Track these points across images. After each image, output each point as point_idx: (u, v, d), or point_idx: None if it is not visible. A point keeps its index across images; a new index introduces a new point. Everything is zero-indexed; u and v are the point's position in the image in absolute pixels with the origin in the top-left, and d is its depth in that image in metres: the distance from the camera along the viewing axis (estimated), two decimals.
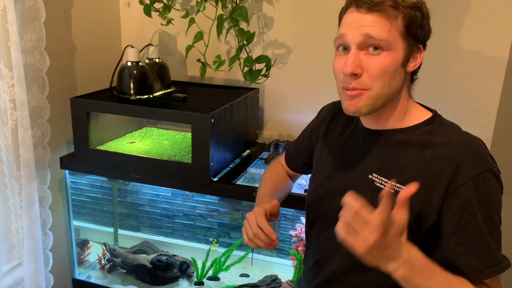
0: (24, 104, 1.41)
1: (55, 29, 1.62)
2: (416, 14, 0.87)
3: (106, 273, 1.89)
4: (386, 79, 0.87)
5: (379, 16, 0.85)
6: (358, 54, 0.86)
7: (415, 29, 0.87)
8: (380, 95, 0.88)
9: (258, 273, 1.84)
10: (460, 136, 0.90)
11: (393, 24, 0.85)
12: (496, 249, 0.84)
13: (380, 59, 0.85)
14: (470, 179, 0.83)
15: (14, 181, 1.49)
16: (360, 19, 0.86)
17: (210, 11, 1.67)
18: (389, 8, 0.84)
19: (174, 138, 1.81)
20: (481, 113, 1.62)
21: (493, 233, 0.84)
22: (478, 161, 0.85)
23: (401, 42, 0.87)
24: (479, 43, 1.57)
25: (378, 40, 0.84)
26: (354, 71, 0.86)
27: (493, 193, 0.85)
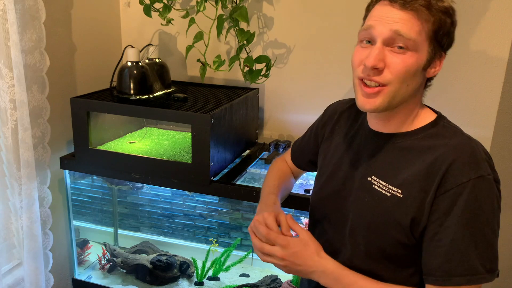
0: (24, 104, 1.41)
1: (55, 29, 1.62)
2: (446, 20, 0.85)
3: (106, 273, 1.89)
4: (406, 79, 0.85)
5: (411, 15, 0.83)
6: (383, 49, 0.84)
7: (442, 35, 0.86)
8: (398, 93, 0.86)
9: (258, 273, 1.84)
10: (458, 139, 0.87)
11: (423, 26, 0.83)
12: (476, 259, 0.81)
13: (404, 58, 0.84)
14: (458, 185, 0.82)
15: (14, 181, 1.49)
16: (392, 14, 0.83)
17: (210, 11, 1.67)
18: (423, 8, 0.82)
19: (174, 138, 1.81)
20: (481, 113, 1.62)
21: (478, 243, 0.82)
22: (470, 167, 0.82)
23: (427, 46, 0.85)
24: (479, 43, 1.57)
25: (406, 38, 0.82)
26: (377, 65, 0.84)
27: (483, 202, 0.82)
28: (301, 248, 0.90)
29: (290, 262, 0.90)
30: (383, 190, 0.90)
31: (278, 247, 0.90)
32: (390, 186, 0.90)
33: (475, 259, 0.81)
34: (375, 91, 0.86)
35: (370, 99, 0.87)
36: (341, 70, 1.74)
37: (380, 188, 0.91)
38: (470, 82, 1.61)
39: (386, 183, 0.91)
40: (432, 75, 0.90)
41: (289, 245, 0.90)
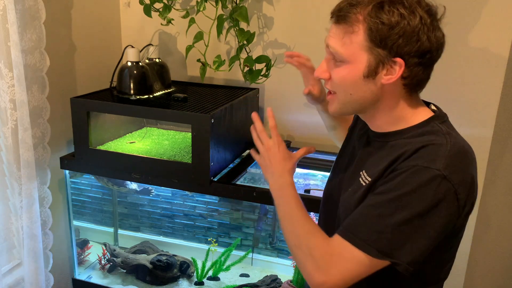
0: (24, 104, 1.41)
1: (55, 29, 1.62)
2: (383, 29, 0.81)
3: (106, 273, 1.89)
4: (345, 89, 0.89)
5: (340, 29, 0.86)
6: (329, 61, 0.91)
7: (384, 43, 0.82)
8: (345, 101, 0.91)
9: (258, 273, 1.84)
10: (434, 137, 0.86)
11: (352, 38, 0.84)
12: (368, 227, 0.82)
13: (339, 70, 0.88)
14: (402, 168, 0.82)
15: (14, 181, 1.49)
16: (331, 28, 0.89)
17: (210, 11, 1.67)
18: (351, 22, 0.84)
19: (174, 138, 1.81)
20: (481, 113, 1.62)
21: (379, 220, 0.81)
22: (423, 158, 0.82)
23: (365, 55, 0.84)
24: (479, 43, 1.57)
25: (334, 52, 0.87)
26: (319, 76, 0.92)
27: (413, 189, 0.80)
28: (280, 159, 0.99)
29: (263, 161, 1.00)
30: (363, 181, 0.93)
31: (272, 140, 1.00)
32: (367, 176, 0.92)
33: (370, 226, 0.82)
34: (329, 98, 0.95)
35: (329, 104, 0.96)
36: None
37: (364, 182, 0.92)
38: (470, 82, 1.61)
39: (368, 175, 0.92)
40: (388, 82, 0.86)
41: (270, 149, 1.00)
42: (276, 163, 0.98)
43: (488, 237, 1.82)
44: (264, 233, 1.78)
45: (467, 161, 0.86)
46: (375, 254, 0.81)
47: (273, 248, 1.84)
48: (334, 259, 0.84)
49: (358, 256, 0.82)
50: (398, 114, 0.92)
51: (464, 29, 1.57)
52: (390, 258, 0.81)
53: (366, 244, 0.81)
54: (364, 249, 0.81)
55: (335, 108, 0.94)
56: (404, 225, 0.80)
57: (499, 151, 1.72)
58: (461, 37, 1.58)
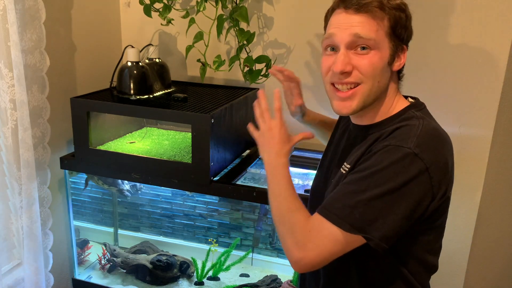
0: (24, 104, 1.41)
1: (55, 29, 1.62)
2: (400, 16, 0.90)
3: (106, 273, 1.89)
4: (375, 77, 0.90)
5: (366, 17, 0.88)
6: (347, 53, 0.90)
7: (399, 30, 0.91)
8: (371, 92, 0.91)
9: (258, 273, 1.84)
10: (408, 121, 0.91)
11: (380, 25, 0.88)
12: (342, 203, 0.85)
13: (369, 58, 0.89)
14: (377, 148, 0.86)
15: (14, 181, 1.49)
16: (349, 19, 0.89)
17: (210, 11, 1.67)
18: (376, 9, 0.88)
19: (174, 138, 1.81)
20: (481, 113, 1.62)
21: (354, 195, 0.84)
22: (396, 138, 0.86)
23: (387, 42, 0.90)
24: (479, 43, 1.57)
25: (366, 39, 0.88)
26: (345, 69, 0.90)
27: (385, 165, 0.83)
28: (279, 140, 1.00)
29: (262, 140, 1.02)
30: (343, 169, 0.96)
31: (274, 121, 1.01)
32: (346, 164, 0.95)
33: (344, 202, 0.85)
34: (349, 94, 0.92)
35: (346, 103, 0.93)
36: None
37: (343, 169, 0.96)
38: (470, 82, 1.61)
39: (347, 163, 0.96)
40: (398, 68, 0.95)
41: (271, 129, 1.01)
42: (274, 144, 1.00)
43: (488, 237, 1.82)
44: (264, 233, 1.78)
45: (439, 142, 0.89)
46: (348, 229, 0.84)
47: (273, 248, 1.84)
48: (311, 235, 0.87)
49: (333, 232, 0.85)
50: (391, 104, 0.96)
51: (464, 29, 1.57)
52: (362, 233, 0.83)
53: (339, 219, 0.84)
54: (338, 223, 0.84)
55: (358, 104, 0.92)
56: (375, 201, 0.83)
57: (499, 151, 1.72)
58: (461, 37, 1.58)
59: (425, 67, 1.63)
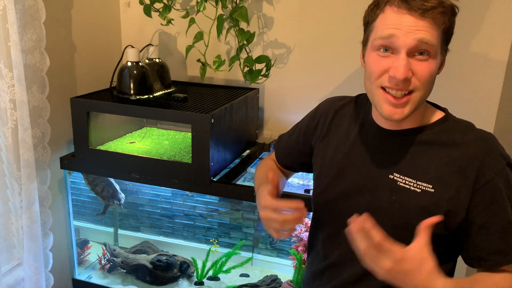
0: (24, 104, 1.41)
1: (55, 29, 1.62)
2: (453, 21, 0.87)
3: (106, 273, 1.89)
4: (431, 84, 0.88)
5: (430, 22, 0.83)
6: (407, 59, 0.84)
7: (450, 35, 0.89)
8: (423, 99, 0.90)
9: (258, 273, 1.84)
10: (477, 133, 0.92)
11: (440, 31, 0.85)
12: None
13: (428, 64, 0.85)
14: (496, 174, 0.86)
15: (14, 181, 1.49)
16: (413, 23, 0.82)
17: (210, 11, 1.67)
18: (439, 15, 0.84)
19: (174, 138, 1.81)
20: (481, 112, 1.62)
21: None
22: (497, 157, 0.88)
23: (440, 48, 0.88)
24: (479, 43, 1.57)
25: (430, 45, 0.83)
26: (408, 76, 0.84)
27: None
28: (416, 267, 0.77)
29: (394, 277, 0.78)
30: (411, 186, 0.91)
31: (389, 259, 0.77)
32: (419, 182, 0.90)
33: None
34: (404, 101, 0.86)
35: (398, 109, 0.87)
36: (341, 70, 1.74)
37: (407, 185, 0.91)
38: (470, 82, 1.61)
39: (413, 179, 0.91)
40: (439, 72, 0.93)
41: (405, 260, 0.77)
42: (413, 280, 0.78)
43: None
44: (264, 233, 1.77)
45: None
46: None
47: (273, 248, 1.84)
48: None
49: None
50: (424, 108, 0.96)
51: (464, 30, 1.57)
52: None
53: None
54: None
55: (410, 110, 0.88)
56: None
57: None
58: (461, 38, 1.58)
59: None
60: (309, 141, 1.13)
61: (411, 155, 0.92)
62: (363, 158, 0.98)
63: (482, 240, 0.88)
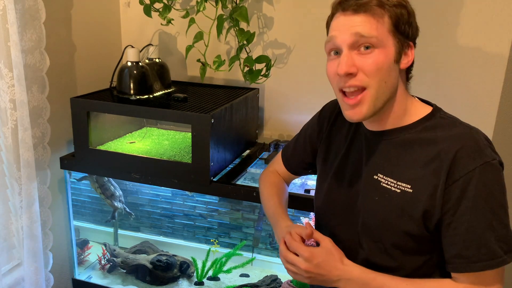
0: (24, 104, 1.41)
1: (55, 29, 1.62)
2: (402, 12, 0.88)
3: (106, 273, 1.89)
4: (382, 76, 0.87)
5: (366, 16, 0.86)
6: (350, 55, 0.87)
7: (403, 26, 0.88)
8: (379, 93, 0.88)
9: (258, 273, 1.84)
10: (458, 130, 0.90)
11: (380, 22, 0.86)
12: (494, 243, 0.83)
13: (373, 57, 0.86)
14: (466, 173, 0.84)
15: (14, 181, 1.49)
16: (348, 21, 0.87)
17: (210, 11, 1.67)
18: (375, 7, 0.86)
19: (174, 138, 1.81)
20: (481, 112, 1.62)
21: (494, 227, 0.83)
22: (474, 155, 0.84)
23: (391, 39, 0.87)
24: (479, 43, 1.57)
25: (368, 37, 0.85)
26: (349, 70, 0.87)
27: (492, 186, 0.84)
28: (325, 258, 0.90)
29: (315, 273, 0.90)
30: (392, 187, 0.92)
31: (301, 258, 0.90)
32: (399, 183, 0.91)
33: (493, 243, 0.83)
34: (358, 100, 0.88)
35: (356, 109, 0.89)
36: None
37: (389, 186, 0.92)
38: (470, 82, 1.61)
39: (394, 179, 0.92)
40: (406, 66, 0.91)
41: (313, 256, 0.90)
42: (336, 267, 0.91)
43: None
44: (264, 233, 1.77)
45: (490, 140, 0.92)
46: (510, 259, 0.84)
47: (273, 248, 1.84)
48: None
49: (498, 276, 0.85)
50: (406, 107, 0.94)
51: (464, 29, 1.57)
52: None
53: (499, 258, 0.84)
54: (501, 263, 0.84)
55: (368, 109, 0.89)
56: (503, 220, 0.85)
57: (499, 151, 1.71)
58: (461, 37, 1.58)
59: (425, 67, 1.63)
60: (314, 144, 1.16)
61: (392, 156, 0.93)
62: (356, 159, 1.01)
63: (447, 242, 0.87)
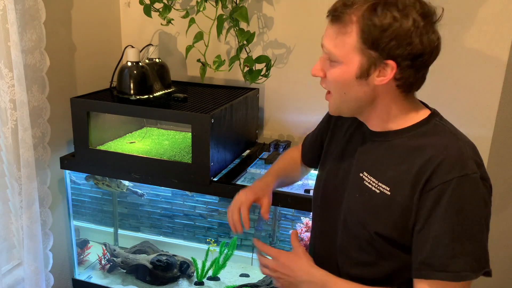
0: (24, 104, 1.41)
1: (55, 29, 1.62)
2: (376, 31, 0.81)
3: (106, 273, 1.89)
4: (339, 88, 0.90)
5: (336, 28, 0.86)
6: (323, 60, 0.91)
7: (376, 45, 0.82)
8: (340, 100, 0.92)
9: (258, 273, 1.84)
10: (446, 139, 0.88)
11: (344, 39, 0.84)
12: (460, 256, 0.82)
13: (332, 70, 0.89)
14: (443, 182, 0.82)
15: (14, 181, 1.49)
16: (327, 28, 0.89)
17: (210, 11, 1.67)
18: (344, 21, 0.84)
19: (174, 138, 1.81)
20: (481, 113, 1.62)
21: (463, 240, 0.82)
22: (455, 166, 0.83)
23: (357, 57, 0.84)
24: (479, 43, 1.57)
25: (328, 52, 0.88)
26: (314, 74, 0.93)
27: (468, 199, 0.82)
28: (292, 259, 0.98)
29: (281, 273, 0.97)
30: (373, 187, 0.93)
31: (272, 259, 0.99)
32: (379, 183, 0.92)
33: (460, 255, 0.82)
34: (327, 98, 0.95)
35: (329, 104, 0.96)
36: None
37: (370, 185, 0.93)
38: (470, 82, 1.61)
39: (375, 179, 0.93)
40: (381, 83, 0.86)
41: (280, 255, 0.99)
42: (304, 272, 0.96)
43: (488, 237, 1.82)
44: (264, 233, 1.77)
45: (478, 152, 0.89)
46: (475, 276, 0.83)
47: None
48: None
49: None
50: (395, 113, 0.92)
51: (464, 30, 1.57)
52: (485, 269, 0.84)
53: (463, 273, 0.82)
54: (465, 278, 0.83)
55: (333, 108, 0.95)
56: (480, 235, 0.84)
57: (499, 151, 1.72)
58: (461, 38, 1.58)
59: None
60: (323, 137, 1.18)
61: (380, 157, 0.94)
62: (350, 155, 1.02)
63: (415, 247, 0.87)
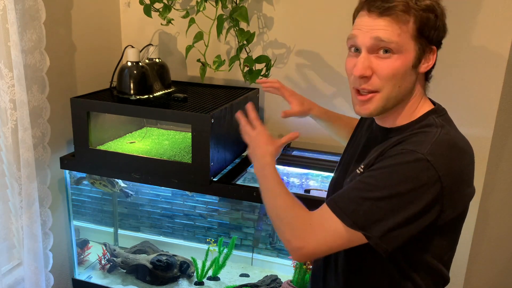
0: (24, 104, 1.41)
1: (55, 29, 1.62)
2: (429, 17, 0.87)
3: (106, 273, 1.89)
4: (396, 82, 0.88)
5: (389, 21, 0.85)
6: (368, 57, 0.88)
7: (427, 31, 0.87)
8: (390, 96, 0.89)
9: (258, 273, 1.84)
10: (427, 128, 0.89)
11: (403, 28, 0.86)
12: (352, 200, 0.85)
13: (390, 62, 0.87)
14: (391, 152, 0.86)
15: (14, 181, 1.49)
16: (371, 23, 0.87)
17: (210, 11, 1.67)
18: (400, 12, 0.85)
19: (174, 138, 1.81)
20: (481, 113, 1.62)
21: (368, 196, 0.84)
22: (411, 144, 0.85)
23: (413, 45, 0.87)
24: (479, 43, 1.57)
25: (388, 43, 0.85)
26: (364, 74, 0.88)
27: (396, 169, 0.83)
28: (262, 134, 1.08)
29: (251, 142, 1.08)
30: (358, 170, 0.95)
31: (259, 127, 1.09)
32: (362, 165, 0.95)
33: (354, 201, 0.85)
34: (368, 98, 0.90)
35: (365, 106, 0.92)
36: (340, 70, 1.74)
37: (358, 170, 0.95)
38: (470, 81, 1.61)
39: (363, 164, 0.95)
40: (426, 70, 0.91)
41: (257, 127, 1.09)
42: (261, 146, 1.05)
43: (488, 237, 1.82)
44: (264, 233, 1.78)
45: (455, 152, 0.87)
46: (350, 224, 0.84)
47: (273, 248, 1.84)
48: (313, 228, 0.88)
49: (335, 226, 0.86)
50: (414, 106, 0.94)
51: (464, 29, 1.57)
52: (363, 230, 0.84)
53: (343, 213, 0.85)
54: (341, 217, 0.85)
55: (376, 108, 0.91)
56: (382, 201, 0.83)
57: (499, 151, 1.72)
58: (461, 37, 1.58)
59: None
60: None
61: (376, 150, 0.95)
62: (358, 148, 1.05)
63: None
